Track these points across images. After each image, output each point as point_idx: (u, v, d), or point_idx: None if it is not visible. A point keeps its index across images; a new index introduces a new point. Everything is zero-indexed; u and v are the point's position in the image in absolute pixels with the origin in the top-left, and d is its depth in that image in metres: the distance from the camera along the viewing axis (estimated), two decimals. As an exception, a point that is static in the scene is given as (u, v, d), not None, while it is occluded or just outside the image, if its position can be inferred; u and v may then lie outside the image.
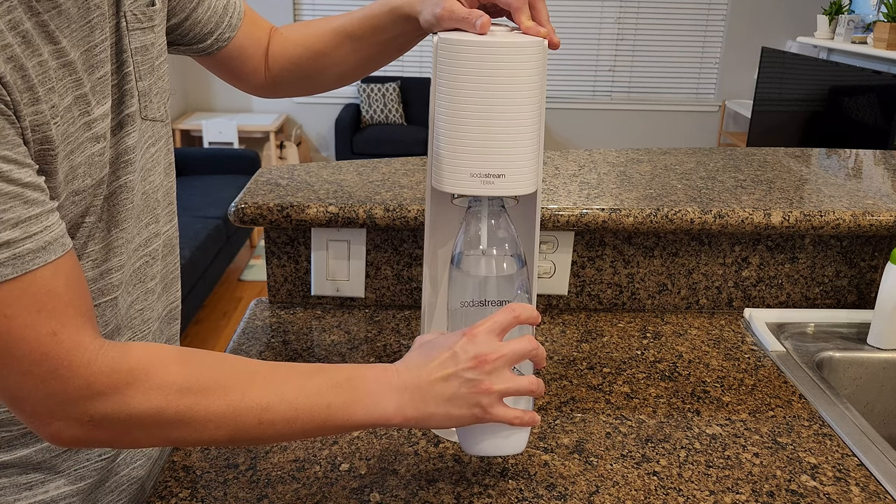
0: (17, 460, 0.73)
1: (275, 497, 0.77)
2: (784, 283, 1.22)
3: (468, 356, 0.67)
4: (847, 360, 1.11)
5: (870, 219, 1.15)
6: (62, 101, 0.61)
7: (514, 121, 0.74)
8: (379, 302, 1.21)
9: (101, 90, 0.67)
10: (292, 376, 0.67)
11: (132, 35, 0.72)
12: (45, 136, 0.59)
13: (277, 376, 0.66)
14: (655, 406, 0.95)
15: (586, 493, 0.79)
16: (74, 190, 0.64)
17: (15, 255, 0.55)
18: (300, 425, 0.65)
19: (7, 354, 0.56)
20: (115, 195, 0.72)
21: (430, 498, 0.77)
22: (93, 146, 0.65)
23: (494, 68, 0.72)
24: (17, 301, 0.56)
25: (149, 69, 0.75)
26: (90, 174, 0.66)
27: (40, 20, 0.59)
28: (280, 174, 1.27)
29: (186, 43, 0.90)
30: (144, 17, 0.74)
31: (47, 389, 0.58)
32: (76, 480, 0.77)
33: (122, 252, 0.74)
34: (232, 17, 0.92)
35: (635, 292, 1.22)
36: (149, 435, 0.63)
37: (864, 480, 0.82)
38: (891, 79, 3.71)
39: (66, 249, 0.59)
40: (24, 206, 0.56)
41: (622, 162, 1.41)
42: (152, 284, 0.82)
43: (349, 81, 1.01)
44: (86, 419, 0.60)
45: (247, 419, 0.63)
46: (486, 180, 0.75)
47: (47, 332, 0.57)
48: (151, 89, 0.76)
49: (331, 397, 0.66)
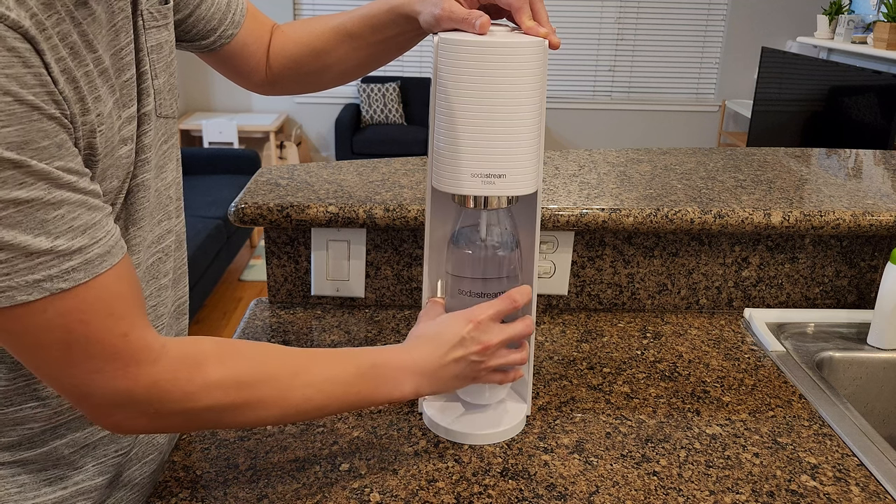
0: (37, 456, 0.74)
1: (275, 497, 0.77)
2: (784, 283, 1.22)
3: (475, 343, 0.79)
4: (847, 360, 1.11)
5: (870, 219, 1.15)
6: (105, 108, 0.63)
7: (514, 121, 0.74)
8: (379, 302, 1.21)
9: (128, 93, 0.69)
10: (326, 366, 0.74)
11: (148, 34, 0.73)
12: (90, 143, 0.61)
13: (315, 367, 0.73)
14: (655, 406, 0.95)
15: (586, 493, 0.79)
16: (102, 192, 0.66)
17: (86, 261, 0.58)
18: (333, 409, 0.75)
19: (83, 355, 0.59)
20: (133, 194, 0.73)
21: (429, 498, 0.77)
22: (121, 148, 0.67)
23: (495, 68, 0.72)
24: (91, 306, 0.59)
25: (163, 67, 0.77)
26: (117, 175, 0.68)
27: (81, 30, 0.60)
28: (280, 174, 1.27)
29: (190, 39, 0.90)
30: (160, 14, 0.75)
31: (117, 386, 0.61)
32: (94, 476, 0.79)
33: (138, 250, 0.76)
34: (235, 13, 0.92)
35: (635, 292, 1.22)
36: (205, 422, 0.69)
37: (864, 480, 0.82)
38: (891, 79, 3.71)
39: (125, 252, 0.62)
40: (89, 212, 0.58)
41: (622, 162, 1.41)
42: (165, 280, 0.83)
43: (349, 80, 1.01)
44: (151, 411, 0.64)
45: (291, 406, 0.71)
46: (487, 180, 0.75)
47: (119, 334, 0.61)
48: (165, 87, 0.77)
49: (360, 385, 0.75)
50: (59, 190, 0.55)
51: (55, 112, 0.55)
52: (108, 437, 0.79)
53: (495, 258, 0.83)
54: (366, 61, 0.96)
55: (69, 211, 0.56)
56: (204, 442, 0.86)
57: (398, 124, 5.60)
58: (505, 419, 0.88)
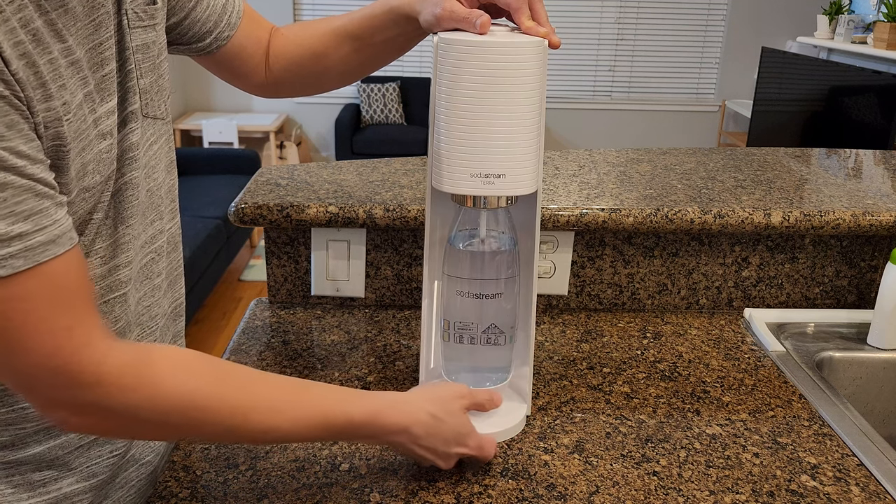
0: (30, 457, 0.73)
1: (275, 497, 0.77)
2: (784, 283, 1.22)
3: (457, 449, 0.78)
4: (847, 360, 1.11)
5: (870, 219, 1.15)
6: (73, 99, 0.62)
7: (514, 121, 0.74)
8: (379, 302, 1.21)
9: (106, 87, 0.68)
10: (295, 413, 0.70)
11: (133, 33, 0.73)
12: (58, 133, 0.60)
13: (282, 412, 0.70)
14: (655, 406, 0.95)
15: (586, 493, 0.79)
16: (85, 187, 0.65)
17: (27, 248, 0.56)
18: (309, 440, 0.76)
19: (21, 346, 0.58)
20: (122, 192, 0.73)
21: (430, 498, 0.77)
22: (100, 143, 0.67)
23: (494, 68, 0.72)
24: (32, 294, 0.57)
25: (150, 67, 0.76)
26: (99, 171, 0.67)
27: (48, 19, 0.59)
28: (280, 174, 1.27)
29: (186, 42, 0.90)
30: (146, 15, 0.75)
31: (57, 382, 0.59)
32: (88, 477, 0.78)
33: (129, 248, 0.75)
34: (231, 15, 0.92)
35: (635, 292, 1.22)
36: (153, 433, 0.68)
37: (864, 480, 0.82)
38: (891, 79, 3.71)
39: (73, 243, 0.60)
40: (36, 198, 0.56)
41: (622, 162, 1.41)
42: (158, 281, 0.83)
43: (350, 81, 1.01)
44: (92, 410, 0.62)
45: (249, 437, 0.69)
46: (487, 180, 0.75)
47: (63, 327, 0.59)
48: (152, 87, 0.77)
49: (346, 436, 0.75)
50: (2, 172, 0.54)
51: (4, 91, 0.54)
52: (103, 438, 0.79)
53: (493, 259, 0.83)
54: (366, 63, 0.96)
55: (13, 195, 0.55)
56: (204, 442, 0.86)
57: (398, 124, 5.60)
58: (504, 419, 0.88)
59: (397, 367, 1.02)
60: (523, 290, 0.88)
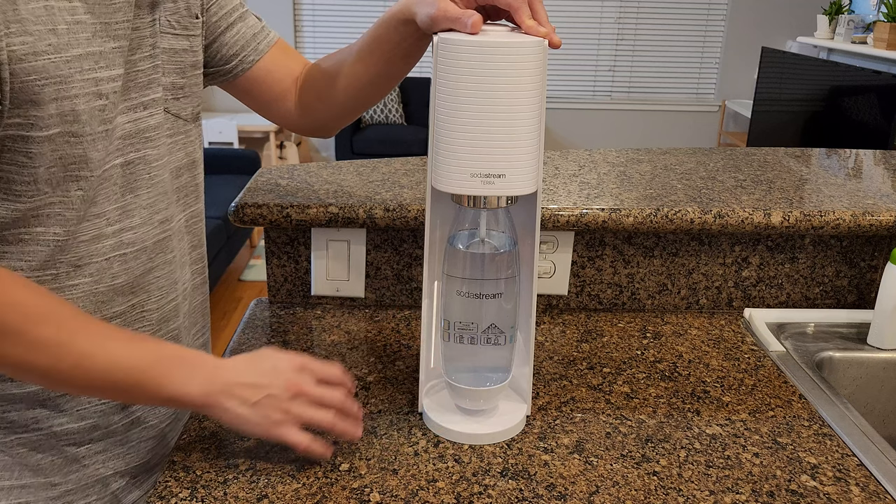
0: (25, 395, 0.82)
1: (275, 497, 0.77)
2: (784, 283, 1.22)
3: (287, 377, 0.77)
4: (847, 360, 1.11)
5: (870, 219, 1.15)
6: (70, 49, 0.70)
7: (513, 121, 0.74)
8: (379, 302, 1.21)
9: (113, 59, 0.76)
10: (122, 335, 0.75)
11: (162, 37, 0.83)
12: (34, 68, 0.67)
13: (108, 331, 0.74)
14: (655, 406, 0.95)
15: (586, 494, 0.79)
16: (73, 132, 0.72)
17: None
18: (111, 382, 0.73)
19: None
20: (134, 164, 0.82)
21: (429, 498, 0.77)
22: (96, 100, 0.74)
23: (494, 68, 0.72)
24: None
25: (175, 69, 0.86)
26: (90, 124, 0.74)
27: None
28: (280, 174, 1.27)
29: (214, 65, 0.97)
30: (179, 25, 0.86)
31: None
32: (78, 420, 0.85)
33: (135, 215, 0.83)
34: (260, 43, 0.99)
35: (635, 292, 1.22)
36: None
37: (864, 480, 0.82)
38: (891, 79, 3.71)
39: None
40: None
41: (622, 162, 1.41)
42: (170, 256, 0.90)
43: (371, 101, 1.01)
44: None
45: (67, 359, 0.70)
46: (486, 180, 0.75)
47: None
48: (179, 87, 0.87)
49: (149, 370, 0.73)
50: None
51: None
52: None
53: (493, 259, 0.83)
54: (378, 78, 0.96)
55: None
56: (204, 442, 0.86)
57: (398, 124, 5.60)
58: (504, 419, 0.88)
59: (397, 367, 1.03)
60: (523, 290, 0.88)
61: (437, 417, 0.88)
